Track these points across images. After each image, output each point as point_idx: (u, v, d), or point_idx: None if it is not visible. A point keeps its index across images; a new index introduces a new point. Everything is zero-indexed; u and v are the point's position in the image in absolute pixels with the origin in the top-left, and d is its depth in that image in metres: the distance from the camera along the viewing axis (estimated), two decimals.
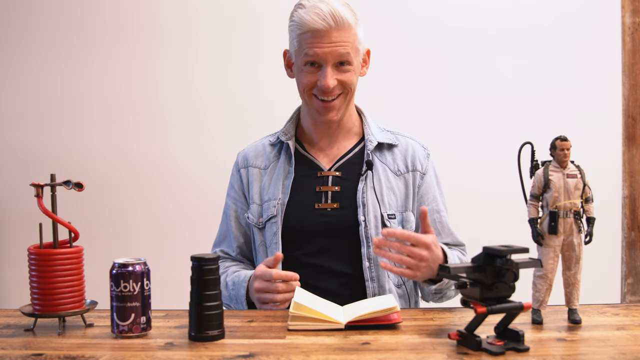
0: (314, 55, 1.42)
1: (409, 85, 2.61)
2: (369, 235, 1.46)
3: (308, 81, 1.46)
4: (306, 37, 1.42)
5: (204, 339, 1.05)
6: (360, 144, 1.57)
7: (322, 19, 1.39)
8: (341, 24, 1.41)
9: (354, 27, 1.44)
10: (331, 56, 1.42)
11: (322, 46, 1.41)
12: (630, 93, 2.60)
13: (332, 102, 1.47)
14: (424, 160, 1.57)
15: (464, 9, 2.62)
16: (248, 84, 2.64)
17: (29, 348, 1.03)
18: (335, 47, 1.41)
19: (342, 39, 1.42)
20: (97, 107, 2.66)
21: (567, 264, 1.12)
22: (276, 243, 1.48)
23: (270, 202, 1.52)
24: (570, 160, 1.12)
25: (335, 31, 1.41)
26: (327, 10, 1.40)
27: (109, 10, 2.65)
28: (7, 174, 2.68)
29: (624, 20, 2.60)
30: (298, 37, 1.44)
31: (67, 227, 1.15)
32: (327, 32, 1.40)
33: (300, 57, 1.46)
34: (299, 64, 1.48)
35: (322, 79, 1.43)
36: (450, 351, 0.97)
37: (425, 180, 1.55)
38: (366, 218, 1.46)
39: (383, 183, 1.51)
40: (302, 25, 1.42)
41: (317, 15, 1.40)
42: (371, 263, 1.46)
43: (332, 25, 1.40)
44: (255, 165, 1.59)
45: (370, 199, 1.48)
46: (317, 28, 1.40)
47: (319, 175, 1.52)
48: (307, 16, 1.41)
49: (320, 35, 1.41)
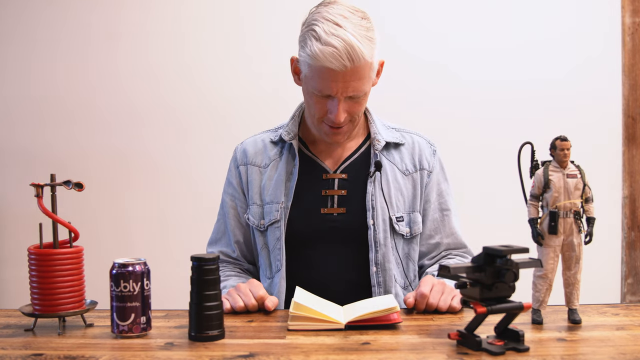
0: (327, 91, 1.35)
1: (409, 85, 2.61)
2: (377, 240, 1.43)
3: (319, 110, 1.40)
4: (319, 70, 1.33)
5: (204, 339, 1.05)
6: (366, 144, 1.53)
7: (337, 60, 1.29)
8: (357, 61, 1.30)
9: (370, 58, 1.34)
10: (343, 94, 1.35)
11: (335, 85, 1.33)
12: (630, 93, 2.60)
13: (340, 129, 1.43)
14: (430, 158, 1.54)
15: (464, 9, 2.62)
16: (249, 84, 2.64)
17: (29, 348, 1.03)
18: (348, 85, 1.34)
19: (356, 76, 1.33)
20: (98, 107, 2.67)
21: (567, 264, 1.12)
22: (279, 249, 1.45)
23: (272, 205, 1.47)
24: (570, 160, 1.12)
25: (350, 70, 1.31)
26: (343, 50, 1.28)
27: (110, 9, 2.66)
28: (7, 174, 2.68)
29: (624, 20, 2.60)
30: (310, 66, 1.35)
31: (67, 227, 1.15)
32: (343, 73, 1.31)
33: (312, 83, 1.37)
34: (308, 87, 1.40)
35: (333, 113, 1.38)
36: (450, 351, 0.97)
37: (432, 179, 1.53)
38: (375, 222, 1.43)
39: (391, 184, 1.48)
40: (315, 59, 1.31)
41: (332, 56, 1.29)
42: (378, 268, 1.43)
43: (347, 65, 1.30)
44: (254, 163, 1.54)
45: (379, 202, 1.45)
46: (331, 68, 1.30)
47: (324, 178, 1.49)
48: (322, 55, 1.30)
49: (334, 74, 1.31)
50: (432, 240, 1.52)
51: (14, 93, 2.68)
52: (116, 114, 2.67)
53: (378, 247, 1.43)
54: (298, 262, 1.46)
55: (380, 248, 1.43)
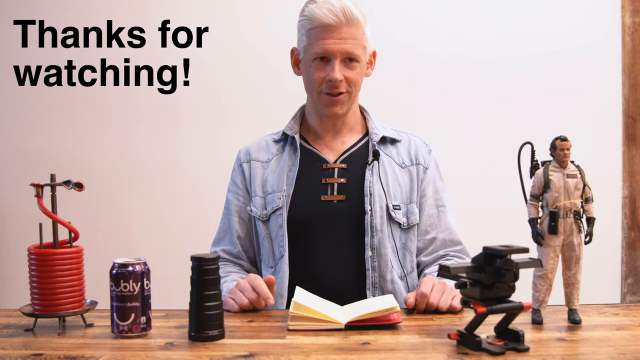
0: (324, 49, 1.45)
1: (409, 85, 2.61)
2: (374, 225, 1.47)
3: (317, 77, 1.48)
4: (316, 32, 1.45)
5: (204, 339, 1.05)
6: (365, 139, 1.59)
7: (333, 14, 1.43)
8: (351, 20, 1.44)
9: (363, 25, 1.48)
10: (340, 51, 1.45)
11: (332, 41, 1.44)
12: (630, 93, 2.60)
13: (338, 97, 1.49)
14: (426, 156, 1.59)
15: (464, 9, 2.62)
16: (250, 84, 2.64)
17: (29, 348, 1.03)
18: (344, 42, 1.45)
19: (351, 35, 1.45)
20: (98, 107, 2.66)
21: (567, 264, 1.12)
22: (282, 235, 1.48)
23: (274, 194, 1.52)
24: (570, 160, 1.12)
25: (345, 27, 1.44)
26: (338, 6, 1.43)
27: (109, 7, 2.65)
28: (7, 174, 2.68)
29: (624, 20, 2.60)
30: (308, 32, 1.47)
31: (67, 227, 1.15)
32: (338, 28, 1.44)
33: (310, 52, 1.48)
34: (307, 60, 1.50)
35: (330, 72, 1.46)
36: (450, 351, 0.97)
37: (428, 175, 1.57)
38: (372, 208, 1.47)
39: (389, 174, 1.53)
40: (312, 19, 1.45)
41: (328, 10, 1.43)
42: (374, 252, 1.46)
43: (342, 20, 1.43)
44: (257, 159, 1.60)
45: (377, 189, 1.49)
46: (327, 23, 1.43)
47: (324, 168, 1.53)
48: (319, 10, 1.44)
49: (330, 30, 1.44)
50: (428, 236, 1.55)
51: (14, 93, 2.67)
52: (116, 114, 2.66)
53: (374, 232, 1.47)
54: (299, 249, 1.49)
55: (376, 233, 1.46)
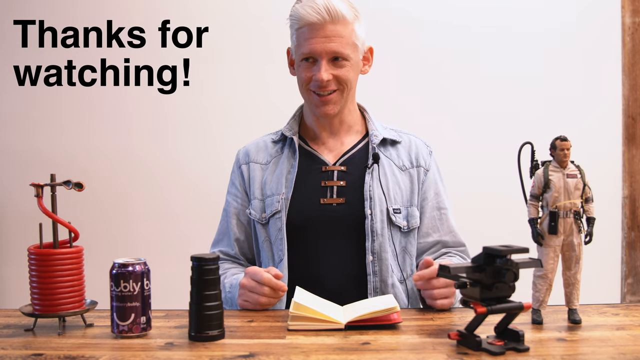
0: (309, 50, 1.44)
1: (409, 85, 2.61)
2: (375, 229, 1.45)
3: (305, 76, 1.48)
4: (303, 32, 1.45)
5: (204, 339, 1.05)
6: (364, 140, 1.57)
7: (316, 12, 1.42)
8: (336, 18, 1.43)
9: (351, 21, 1.45)
10: (325, 51, 1.43)
11: (317, 40, 1.43)
12: (630, 93, 2.60)
13: (328, 97, 1.48)
14: (427, 157, 1.58)
15: (465, 9, 2.62)
16: (249, 84, 2.64)
17: (29, 348, 1.03)
18: (330, 41, 1.43)
19: (337, 33, 1.43)
20: (98, 107, 2.66)
21: (567, 264, 1.12)
22: (281, 239, 1.47)
23: (273, 197, 1.51)
24: (570, 160, 1.12)
25: (329, 24, 1.43)
26: (321, 4, 1.42)
27: (109, 7, 2.65)
28: (7, 174, 2.68)
29: (624, 20, 2.60)
30: (296, 32, 1.47)
31: (67, 227, 1.15)
32: (322, 26, 1.43)
33: (298, 52, 1.48)
34: (297, 60, 1.49)
35: (316, 73, 1.45)
36: (450, 351, 0.97)
37: (429, 177, 1.56)
38: (372, 212, 1.46)
39: (389, 177, 1.51)
40: (298, 19, 1.45)
41: (311, 8, 1.42)
42: (374, 257, 1.45)
43: (326, 18, 1.42)
44: (256, 160, 1.59)
45: (377, 193, 1.47)
46: (311, 21, 1.43)
47: (323, 170, 1.52)
48: (303, 10, 1.44)
49: (315, 29, 1.43)
50: (430, 239, 1.54)
51: (14, 93, 2.67)
52: (116, 114, 2.66)
53: (375, 236, 1.45)
54: (298, 252, 1.48)
55: (377, 238, 1.45)
